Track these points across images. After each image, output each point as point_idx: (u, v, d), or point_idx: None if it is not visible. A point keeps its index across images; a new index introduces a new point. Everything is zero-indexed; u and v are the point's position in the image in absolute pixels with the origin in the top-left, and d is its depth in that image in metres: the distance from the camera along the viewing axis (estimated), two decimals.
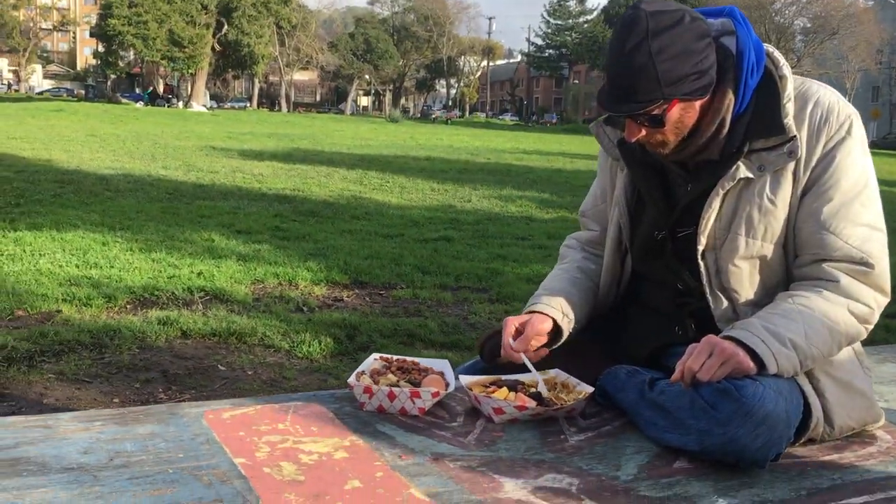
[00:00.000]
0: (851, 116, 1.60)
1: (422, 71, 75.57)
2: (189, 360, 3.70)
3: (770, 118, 1.57)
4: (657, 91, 1.50)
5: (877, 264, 1.56)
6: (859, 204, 1.57)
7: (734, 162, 1.59)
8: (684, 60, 1.50)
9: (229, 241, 6.53)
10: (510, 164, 17.84)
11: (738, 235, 1.61)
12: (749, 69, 1.57)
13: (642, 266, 1.79)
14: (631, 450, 1.53)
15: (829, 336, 1.53)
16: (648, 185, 1.73)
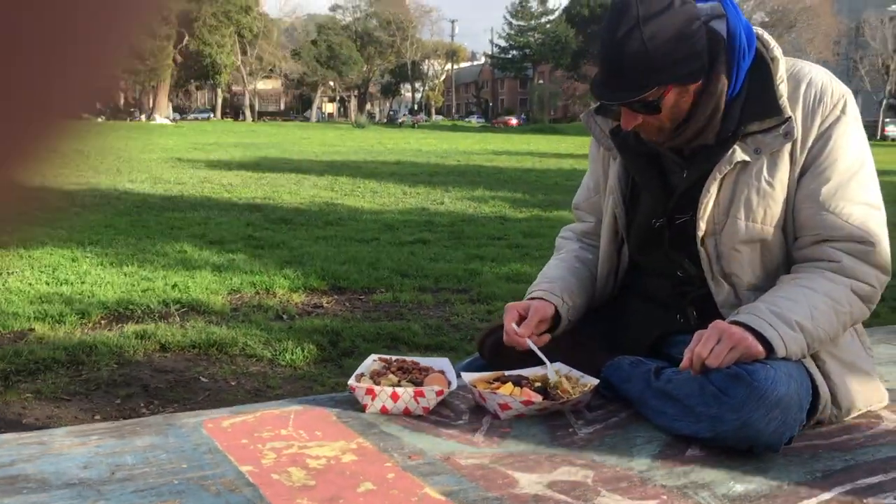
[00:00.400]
0: (845, 95, 1.60)
1: (386, 76, 75.43)
2: (169, 374, 3.63)
3: (764, 100, 1.56)
4: (652, 77, 1.49)
5: (878, 243, 1.56)
6: (857, 183, 1.56)
7: (730, 146, 1.58)
8: (677, 44, 1.49)
9: (202, 252, 6.44)
10: (480, 165, 17.85)
11: (737, 219, 1.59)
12: (741, 52, 1.56)
13: (640, 256, 1.78)
14: (641, 440, 1.51)
15: (834, 317, 1.52)
16: (644, 174, 1.71)
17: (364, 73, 71.17)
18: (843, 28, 56.04)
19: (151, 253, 6.35)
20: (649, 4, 1.48)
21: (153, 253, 6.35)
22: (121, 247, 6.60)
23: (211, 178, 13.43)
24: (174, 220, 8.28)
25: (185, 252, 6.42)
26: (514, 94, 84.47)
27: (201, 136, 32.14)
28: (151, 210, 9.17)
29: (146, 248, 6.54)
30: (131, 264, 5.83)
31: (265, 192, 11.35)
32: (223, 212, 9.14)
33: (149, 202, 9.88)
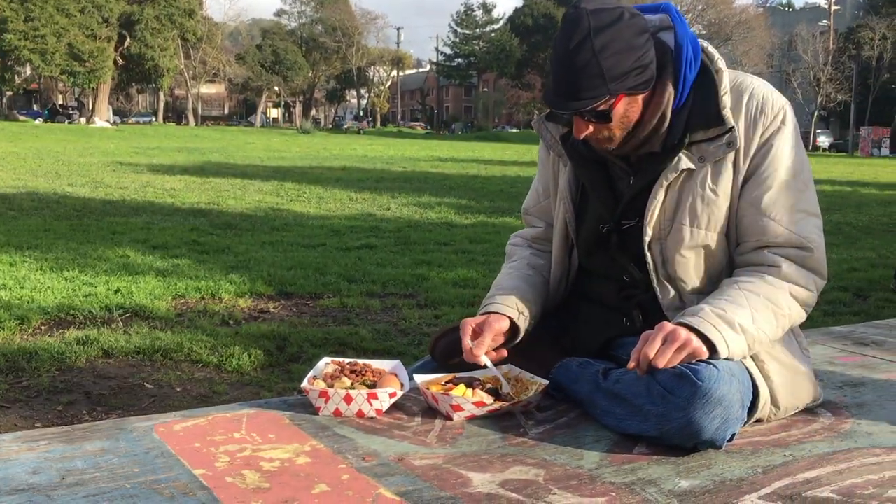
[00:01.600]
0: (785, 107, 1.67)
1: (332, 82, 75.01)
2: (113, 380, 3.57)
3: (709, 110, 1.62)
4: (602, 87, 1.53)
5: (815, 248, 1.62)
6: (796, 190, 1.63)
7: (675, 154, 1.63)
8: (627, 56, 1.53)
9: (145, 257, 6.33)
10: (426, 171, 17.88)
11: (682, 226, 1.65)
12: (687, 63, 1.62)
13: (588, 260, 1.82)
14: (590, 439, 1.54)
15: (774, 319, 1.58)
16: (592, 180, 1.75)
17: (309, 79, 70.71)
18: (777, 41, 57.67)
19: (93, 258, 6.22)
20: (600, 17, 1.53)
21: (95, 258, 6.22)
22: (61, 251, 6.45)
23: (153, 182, 13.20)
24: (116, 225, 8.12)
25: (128, 257, 6.30)
26: (458, 101, 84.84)
27: (143, 139, 31.55)
28: (92, 214, 8.98)
29: (87, 253, 6.41)
30: (72, 269, 5.70)
31: (209, 196, 11.20)
32: (166, 217, 9.00)
33: (89, 206, 9.67)
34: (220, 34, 61.53)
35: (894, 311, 5.05)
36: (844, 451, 1.52)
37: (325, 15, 70.00)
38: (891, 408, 1.79)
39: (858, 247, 8.17)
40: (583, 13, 1.53)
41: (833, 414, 1.74)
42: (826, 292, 5.69)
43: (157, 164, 17.49)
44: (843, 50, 51.80)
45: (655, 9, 1.67)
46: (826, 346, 2.36)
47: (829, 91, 51.43)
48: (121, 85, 57.02)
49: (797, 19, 60.46)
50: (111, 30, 49.54)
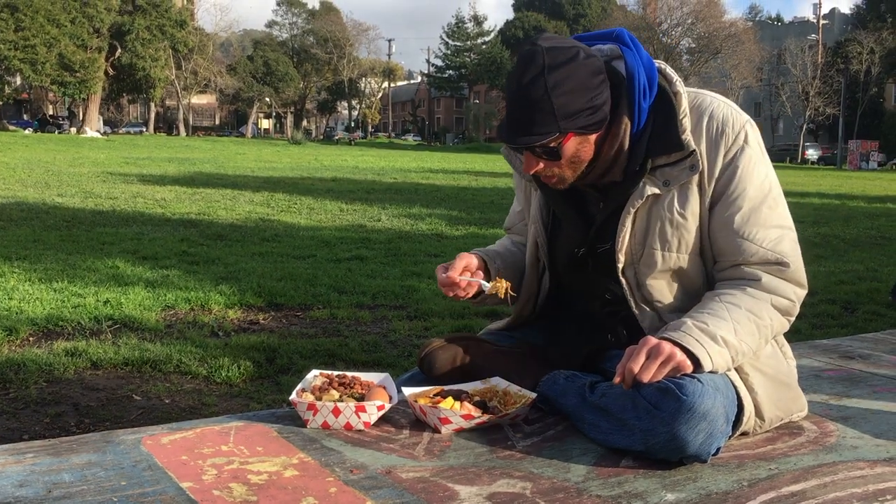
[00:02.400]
0: (745, 125, 1.66)
1: (323, 93, 75.04)
2: (101, 392, 3.55)
3: (668, 135, 1.62)
4: (553, 124, 1.54)
5: (792, 262, 1.64)
6: (767, 207, 1.64)
7: (639, 180, 1.64)
8: (579, 95, 1.54)
9: (135, 268, 6.31)
10: (417, 182, 17.91)
11: (654, 250, 1.66)
12: (641, 91, 1.61)
13: (568, 280, 1.83)
14: (577, 452, 1.55)
15: (757, 331, 1.60)
16: (562, 206, 1.77)
17: (300, 90, 70.75)
18: (766, 55, 58.09)
19: (82, 269, 6.20)
20: (555, 55, 1.54)
21: (84, 269, 6.20)
22: (50, 262, 6.43)
23: (144, 192, 13.17)
24: (106, 236, 8.10)
25: (118, 268, 6.28)
26: (449, 112, 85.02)
27: (133, 150, 31.50)
28: (82, 225, 8.95)
29: (77, 264, 6.39)
30: (61, 280, 5.68)
31: (200, 207, 11.19)
32: (156, 227, 8.98)
33: (79, 217, 9.65)
34: (211, 45, 61.51)
35: (881, 325, 5.08)
36: (829, 465, 1.53)
37: (316, 26, 70.12)
38: (875, 421, 1.81)
39: (846, 259, 8.22)
40: (538, 50, 1.54)
41: (818, 427, 1.75)
42: (814, 305, 5.72)
43: (147, 175, 17.46)
44: (831, 64, 52.21)
45: (608, 35, 1.67)
46: (813, 359, 2.37)
47: (817, 104, 51.80)
48: (111, 95, 56.90)
49: (786, 33, 60.93)
50: (102, 40, 49.47)
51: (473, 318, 4.93)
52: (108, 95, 56.20)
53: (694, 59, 56.38)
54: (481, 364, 1.81)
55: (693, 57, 56.67)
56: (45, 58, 45.23)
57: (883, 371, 2.27)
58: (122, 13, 51.39)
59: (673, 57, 55.41)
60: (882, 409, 1.90)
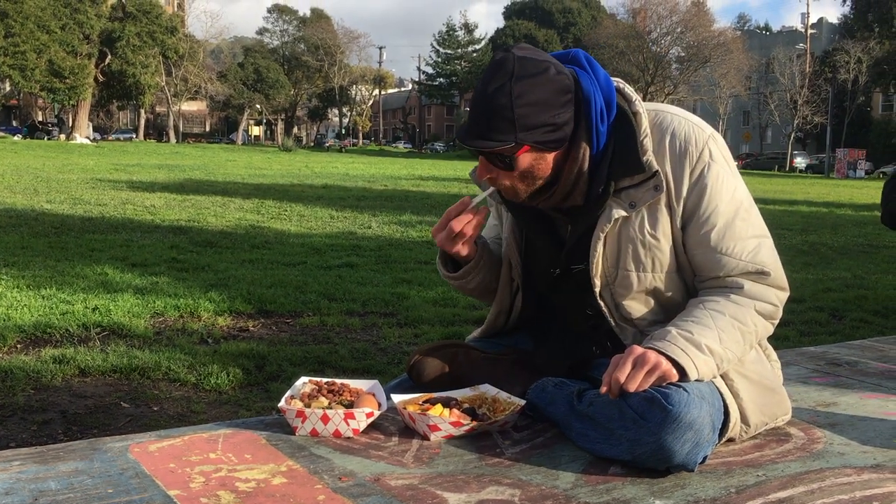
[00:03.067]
0: (708, 141, 1.65)
1: (314, 100, 75.03)
2: (89, 399, 3.54)
3: (629, 157, 1.61)
4: (510, 133, 1.53)
5: (772, 269, 1.65)
6: (740, 220, 1.64)
7: (603, 203, 1.64)
8: (541, 110, 1.53)
9: (124, 275, 6.29)
10: (407, 190, 17.92)
11: (628, 272, 1.66)
12: (598, 114, 1.60)
13: (550, 295, 1.84)
14: (566, 459, 1.55)
15: (741, 337, 1.61)
16: (532, 227, 1.77)
17: (291, 97, 70.73)
18: (755, 64, 58.44)
19: (71, 275, 6.18)
20: (525, 65, 1.53)
21: (72, 275, 6.18)
22: (38, 269, 6.40)
23: (133, 199, 13.13)
24: (95, 242, 8.07)
25: (107, 274, 6.26)
26: (440, 120, 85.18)
27: (123, 156, 31.42)
28: (71, 231, 8.92)
29: (65, 271, 6.36)
30: (49, 287, 5.66)
31: (190, 214, 11.17)
32: (146, 234, 8.96)
33: (68, 223, 9.61)
34: (201, 52, 61.41)
35: (869, 332, 5.11)
36: (816, 471, 1.54)
37: (307, 34, 70.16)
38: (862, 428, 1.82)
39: (834, 267, 8.26)
40: (510, 58, 1.54)
41: (806, 434, 1.76)
42: (802, 312, 5.75)
43: (137, 181, 17.41)
44: (819, 73, 52.59)
45: (564, 57, 1.65)
46: (800, 367, 2.38)
47: (805, 113, 52.13)
48: (101, 101, 56.73)
49: (774, 42, 61.34)
50: (92, 46, 49.35)
51: (463, 326, 4.93)
52: (98, 102, 56.03)
53: (683, 67, 56.66)
54: (470, 371, 1.81)
55: (682, 66, 56.95)
56: (34, 64, 45.09)
57: (870, 378, 2.28)
58: (113, 19, 51.30)
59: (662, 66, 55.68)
60: (869, 416, 1.91)
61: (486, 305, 1.96)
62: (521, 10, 65.74)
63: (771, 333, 1.72)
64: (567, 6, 63.24)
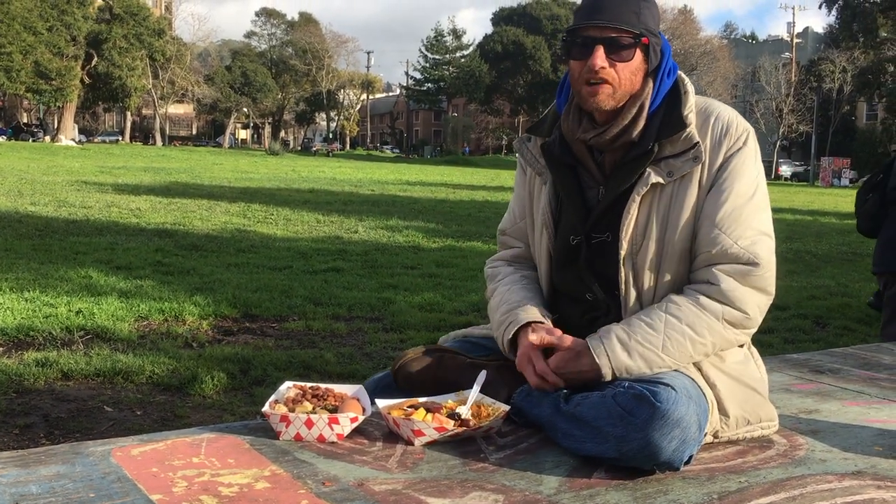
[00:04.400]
0: (748, 131, 1.74)
1: (301, 104, 74.89)
2: (72, 403, 3.52)
3: (676, 124, 1.71)
4: (637, 24, 1.68)
5: (763, 266, 1.66)
6: (750, 208, 1.68)
7: (643, 165, 1.69)
8: (654, 19, 1.72)
9: (108, 278, 6.26)
10: (394, 195, 17.91)
11: (652, 240, 1.70)
12: (666, 70, 1.74)
13: (559, 275, 1.84)
14: (550, 464, 1.55)
15: (689, 347, 1.64)
16: (567, 186, 1.80)
17: (279, 101, 70.59)
18: (741, 72, 58.84)
19: (54, 278, 6.14)
20: None
21: (56, 278, 6.14)
22: (22, 271, 6.36)
23: (118, 202, 13.07)
24: (79, 245, 8.03)
25: (91, 277, 6.23)
26: (428, 125, 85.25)
27: (109, 159, 31.26)
28: (55, 234, 8.87)
29: (49, 273, 6.32)
30: (33, 290, 5.62)
31: (175, 217, 11.12)
32: (131, 237, 8.91)
33: (52, 226, 9.56)
34: (189, 54, 61.18)
35: (852, 340, 5.14)
36: (798, 478, 1.55)
37: (295, 38, 70.07)
38: (844, 435, 1.83)
39: (818, 275, 8.32)
40: None
41: (788, 440, 1.77)
42: (786, 320, 5.78)
43: (122, 184, 17.32)
44: (804, 82, 52.95)
45: None
46: (783, 374, 2.40)
47: (790, 122, 52.49)
48: (87, 104, 56.44)
49: (760, 51, 61.72)
50: (79, 48, 49.09)
51: (449, 331, 4.92)
52: (84, 104, 55.72)
53: None
54: (455, 376, 1.81)
55: None
56: (20, 65, 44.80)
57: (852, 385, 2.30)
58: (100, 21, 51.07)
59: None
60: (850, 423, 1.92)
61: (472, 310, 1.96)
62: (509, 16, 65.87)
63: (742, 342, 1.72)
64: (555, 13, 63.43)
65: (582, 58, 1.69)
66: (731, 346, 1.71)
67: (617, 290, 1.74)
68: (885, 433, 1.85)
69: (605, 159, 1.76)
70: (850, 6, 45.82)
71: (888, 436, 1.83)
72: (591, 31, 1.67)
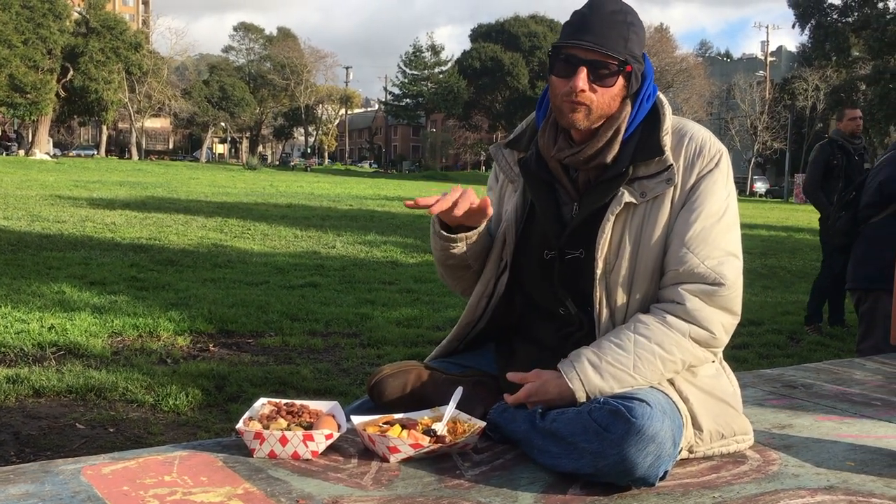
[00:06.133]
0: (721, 152, 1.76)
1: (279, 119, 74.68)
2: (43, 420, 3.47)
3: (652, 146, 1.73)
4: (623, 51, 1.69)
5: (729, 287, 1.68)
6: (719, 229, 1.70)
7: (618, 185, 1.71)
8: (640, 44, 1.73)
9: (82, 293, 6.19)
10: (373, 210, 17.89)
11: (624, 259, 1.71)
12: (646, 94, 1.75)
13: (531, 289, 1.85)
14: (525, 481, 1.55)
15: (660, 366, 1.65)
16: (543, 200, 1.81)
17: (257, 115, 70.36)
18: (716, 90, 59.51)
19: (27, 293, 6.06)
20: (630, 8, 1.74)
21: (29, 293, 6.07)
22: None
23: (93, 216, 12.95)
24: (52, 260, 7.95)
25: (64, 293, 6.16)
26: (406, 140, 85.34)
27: (84, 173, 30.97)
28: (28, 249, 8.77)
29: (21, 289, 6.25)
30: (4, 305, 5.55)
31: (151, 232, 11.04)
32: (105, 252, 8.83)
33: (25, 240, 9.45)
34: (166, 68, 60.83)
35: (825, 355, 5.20)
36: (771, 493, 1.56)
37: (273, 52, 69.96)
38: (816, 450, 1.84)
39: (793, 291, 8.40)
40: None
41: (761, 455, 1.78)
42: (760, 335, 5.83)
43: (97, 198, 17.17)
44: (778, 100, 53.62)
45: None
46: (757, 389, 2.42)
47: (765, 139, 53.08)
48: (62, 117, 55.92)
49: (735, 69, 62.50)
50: (54, 61, 48.68)
51: (427, 346, 4.92)
52: (59, 117, 55.21)
53: None
54: (431, 392, 1.81)
55: None
56: None
57: (825, 400, 2.32)
58: (76, 35, 50.70)
59: None
60: (823, 438, 1.94)
61: (450, 325, 1.97)
62: (487, 32, 66.24)
63: (710, 360, 1.74)
64: (533, 30, 63.89)
65: (564, 76, 1.70)
66: (700, 364, 1.72)
67: (590, 306, 1.75)
68: (857, 448, 1.87)
69: (580, 177, 1.78)
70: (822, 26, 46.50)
71: (860, 451, 1.85)
72: (577, 51, 1.68)
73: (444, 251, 1.85)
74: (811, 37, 48.64)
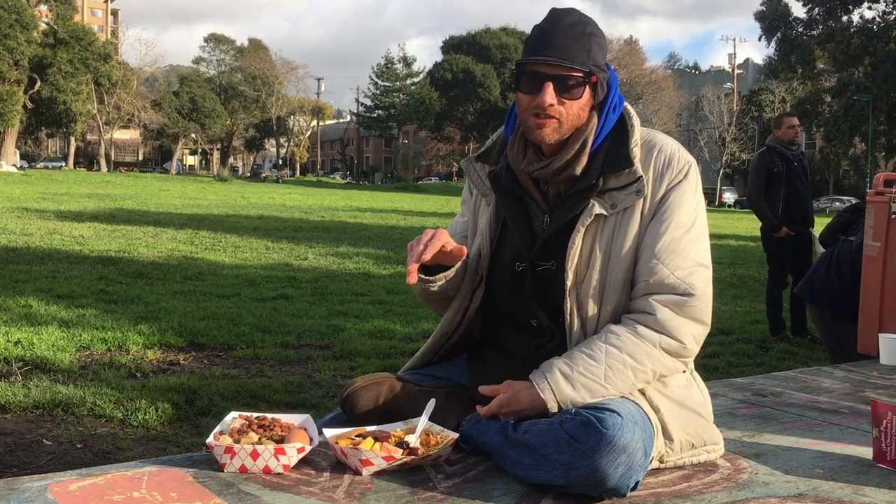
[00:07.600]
0: (690, 163, 1.78)
1: (251, 130, 74.35)
2: (8, 436, 3.41)
3: (621, 158, 1.74)
4: (587, 62, 1.70)
5: (699, 297, 1.70)
6: (688, 240, 1.72)
7: (588, 197, 1.72)
8: (603, 54, 1.73)
9: (49, 307, 6.10)
10: (345, 221, 17.84)
11: (595, 270, 1.72)
12: (612, 104, 1.76)
13: (503, 300, 1.85)
14: (499, 492, 1.55)
15: (631, 375, 1.67)
16: (513, 213, 1.81)
17: (228, 127, 69.99)
18: (685, 102, 60.22)
19: None
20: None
21: None
22: None
23: (61, 229, 12.78)
24: (18, 273, 7.82)
25: (31, 307, 6.06)
26: (378, 152, 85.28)
27: (51, 185, 30.59)
28: None
29: None
30: None
31: (120, 244, 10.91)
32: (73, 265, 8.71)
33: None
34: (135, 80, 60.41)
35: (794, 363, 5.25)
36: (742, 501, 1.57)
37: (244, 64, 69.72)
38: (786, 458, 1.86)
39: (762, 300, 8.46)
40: (575, 10, 1.73)
41: (731, 464, 1.80)
42: (730, 344, 5.88)
43: (65, 211, 16.95)
44: (745, 111, 54.38)
45: None
46: (727, 398, 2.44)
47: (733, 150, 53.75)
48: (30, 129, 55.24)
49: (703, 81, 63.26)
50: (21, 73, 48.11)
51: (399, 358, 4.91)
52: (26, 129, 54.51)
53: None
54: (404, 404, 1.80)
55: None
56: None
57: (794, 409, 2.35)
58: (44, 45, 50.17)
59: None
60: (792, 446, 1.96)
61: (423, 337, 1.97)
62: (458, 44, 66.55)
63: (680, 370, 1.75)
64: (504, 42, 64.27)
65: (531, 92, 1.71)
66: (671, 373, 1.74)
67: (561, 317, 1.75)
68: (826, 455, 1.89)
69: (550, 190, 1.78)
70: (788, 39, 47.27)
71: (829, 458, 1.87)
72: (542, 67, 1.69)
73: (423, 291, 1.86)
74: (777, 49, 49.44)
